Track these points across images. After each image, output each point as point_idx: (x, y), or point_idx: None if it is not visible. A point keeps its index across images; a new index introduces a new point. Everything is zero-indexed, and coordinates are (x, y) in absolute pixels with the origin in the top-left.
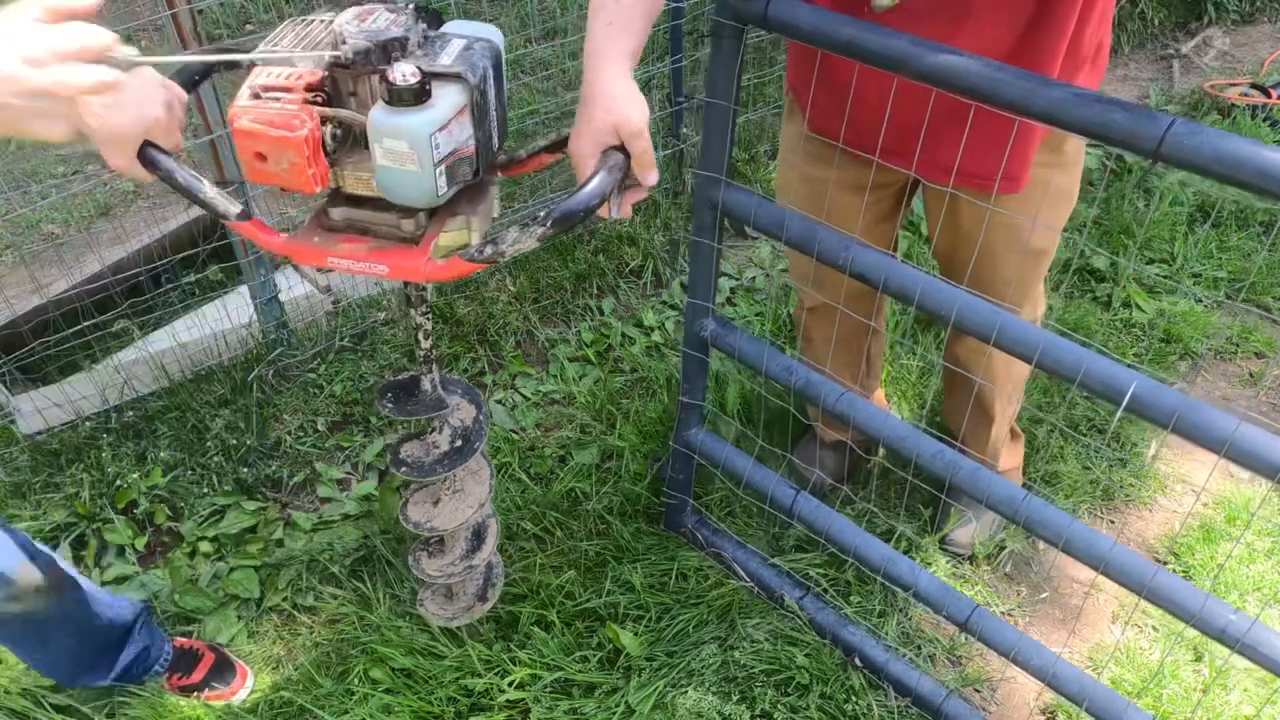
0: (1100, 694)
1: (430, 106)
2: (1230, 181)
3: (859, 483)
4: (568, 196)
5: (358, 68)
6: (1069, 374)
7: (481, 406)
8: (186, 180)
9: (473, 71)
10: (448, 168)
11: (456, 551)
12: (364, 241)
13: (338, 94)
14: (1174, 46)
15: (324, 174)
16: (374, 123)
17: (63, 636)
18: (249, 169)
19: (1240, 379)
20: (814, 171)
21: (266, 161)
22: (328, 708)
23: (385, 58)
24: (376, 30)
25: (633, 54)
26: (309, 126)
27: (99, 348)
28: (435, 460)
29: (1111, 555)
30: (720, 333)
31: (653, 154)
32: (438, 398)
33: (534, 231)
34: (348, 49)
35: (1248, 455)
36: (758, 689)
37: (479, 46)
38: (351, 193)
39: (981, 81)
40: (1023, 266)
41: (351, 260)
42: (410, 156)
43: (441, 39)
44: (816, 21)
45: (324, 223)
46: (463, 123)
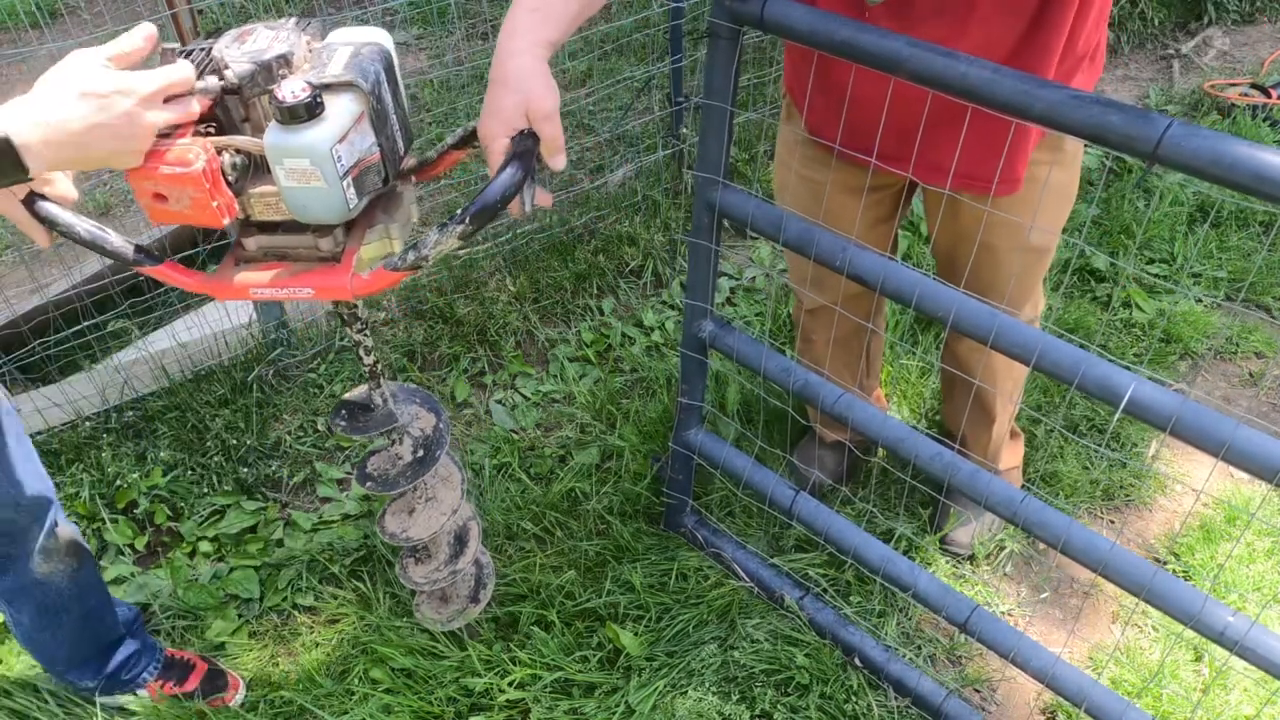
0: (1100, 694)
1: (324, 119)
2: (1227, 184)
3: (858, 483)
4: (482, 189)
5: (245, 92)
6: (1067, 376)
7: (441, 414)
8: (89, 232)
9: (364, 77)
10: (354, 179)
11: (440, 557)
12: (284, 267)
13: (230, 121)
14: (1174, 46)
15: (229, 205)
16: (271, 144)
17: (71, 618)
18: (151, 212)
19: (1240, 379)
20: (812, 173)
21: (168, 201)
22: (328, 708)
23: (271, 77)
24: (258, 50)
25: (551, 44)
26: (204, 158)
27: (99, 348)
28: (399, 473)
29: (1111, 557)
30: (719, 333)
31: (562, 139)
32: (388, 412)
33: (453, 230)
34: (231, 74)
35: (1246, 458)
36: (758, 689)
37: (367, 51)
38: (262, 219)
39: (978, 83)
40: (1024, 265)
41: (274, 289)
42: (313, 173)
43: (327, 49)
44: (813, 22)
45: (240, 255)
46: (362, 130)
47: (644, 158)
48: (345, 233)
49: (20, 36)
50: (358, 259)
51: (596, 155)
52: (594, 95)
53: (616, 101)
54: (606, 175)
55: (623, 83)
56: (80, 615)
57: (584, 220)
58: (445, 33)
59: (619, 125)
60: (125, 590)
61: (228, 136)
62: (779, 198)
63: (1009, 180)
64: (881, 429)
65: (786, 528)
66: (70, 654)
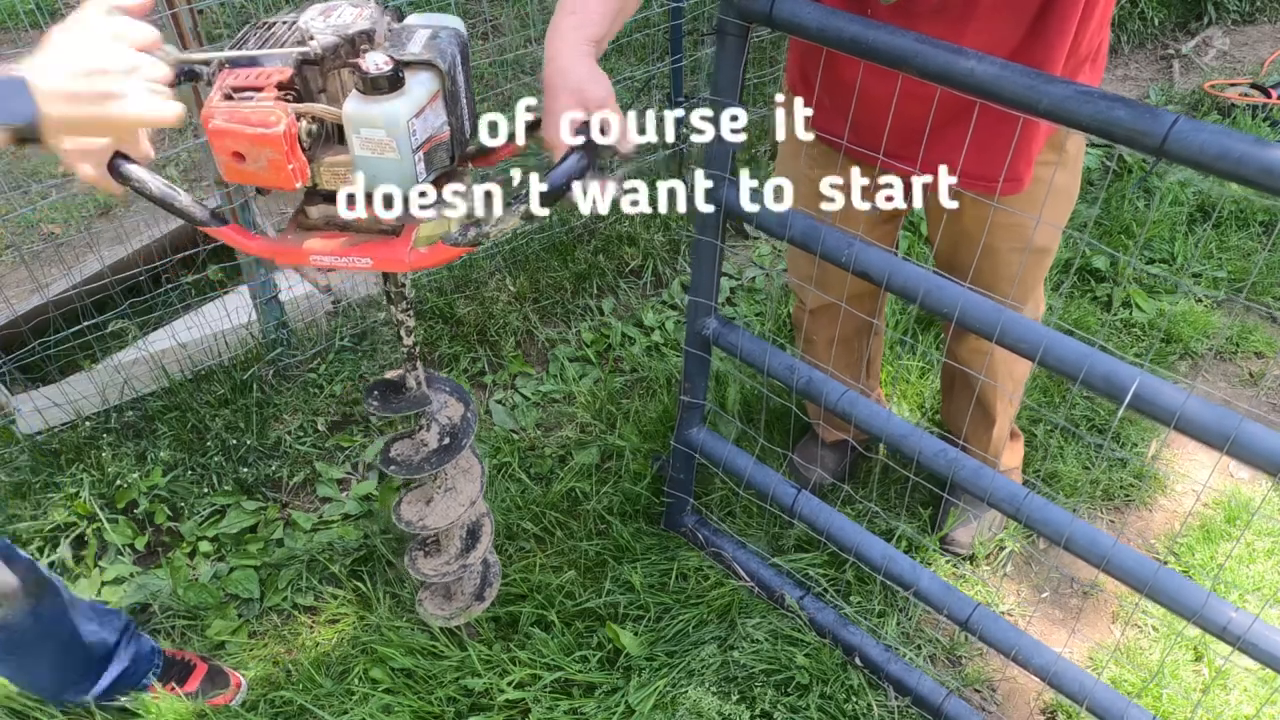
0: (1101, 693)
1: (404, 93)
2: (1234, 178)
3: (859, 482)
4: (548, 173)
5: (327, 63)
6: (1071, 372)
7: (470, 404)
8: (160, 190)
9: (442, 58)
10: (425, 154)
11: (451, 550)
12: (344, 237)
13: (308, 91)
14: (1174, 46)
15: (303, 169)
16: (350, 112)
17: (45, 650)
18: (226, 169)
19: (1240, 379)
20: (815, 172)
21: (245, 160)
22: (328, 708)
23: (354, 51)
24: (343, 24)
25: (595, 41)
26: (285, 121)
27: (99, 348)
28: (424, 458)
29: (1113, 553)
30: (722, 331)
31: (623, 121)
32: (422, 394)
33: (516, 209)
34: (315, 44)
35: (1251, 452)
36: (758, 689)
37: (445, 34)
38: (328, 189)
39: (986, 79)
40: (1024, 265)
41: (334, 256)
42: (388, 144)
43: (406, 30)
44: (822, 19)
45: (302, 222)
46: (436, 109)
47: (644, 158)
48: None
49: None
50: (416, 235)
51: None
52: None
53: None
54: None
55: (623, 83)
56: (55, 647)
57: (584, 220)
58: None
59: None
60: (125, 590)
61: (307, 104)
62: None
63: (1014, 179)
64: (885, 426)
65: (787, 527)
66: (56, 682)
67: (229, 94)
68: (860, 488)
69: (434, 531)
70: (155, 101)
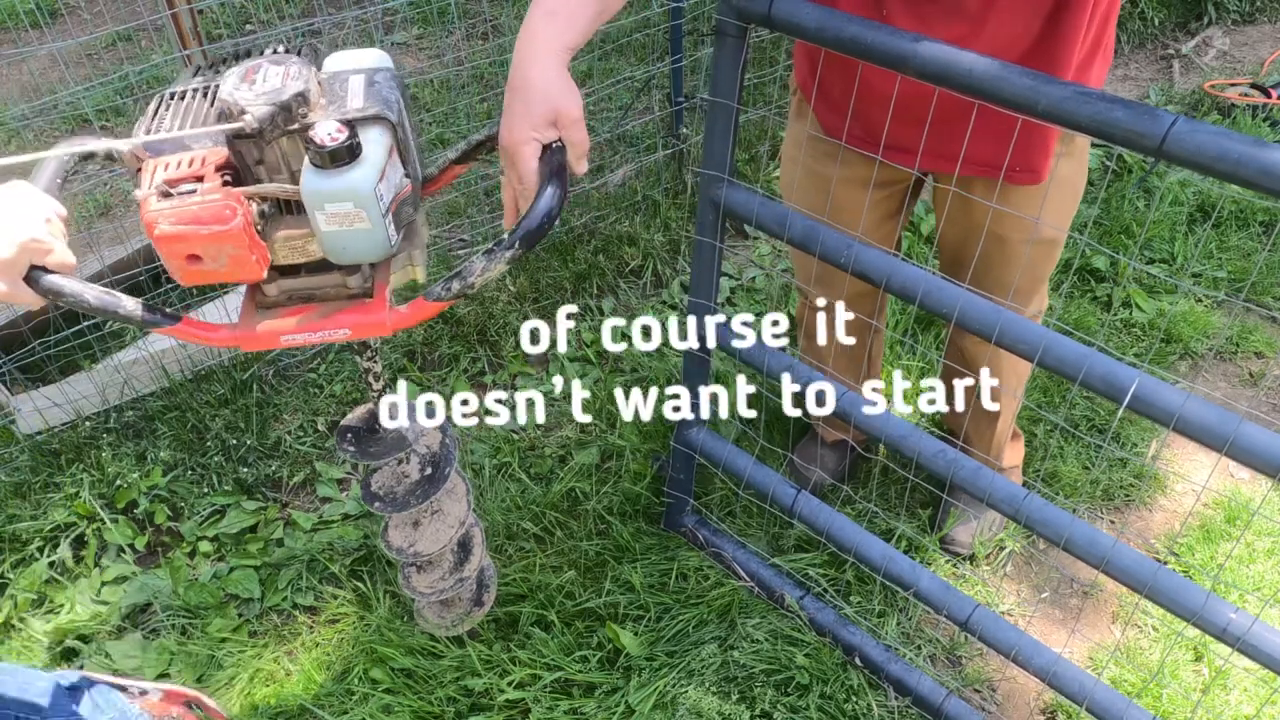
0: (1101, 693)
1: (364, 159)
2: (1233, 180)
3: (859, 482)
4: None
5: (265, 136)
6: (1071, 372)
7: (446, 429)
8: (99, 299)
9: (389, 108)
10: (394, 214)
11: (445, 567)
12: (312, 309)
13: (245, 167)
14: (1174, 46)
15: (264, 256)
16: (311, 190)
17: None
18: (181, 273)
19: (1240, 379)
20: (821, 168)
21: (202, 261)
22: (328, 708)
23: (290, 117)
24: (273, 90)
25: (570, 49)
26: (241, 213)
27: (99, 348)
28: (407, 491)
29: (1113, 554)
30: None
31: (588, 143)
32: (398, 437)
33: (502, 256)
34: (250, 118)
35: (1249, 453)
36: (758, 689)
37: (381, 77)
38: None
39: (984, 80)
40: (1034, 257)
41: (307, 333)
42: (358, 215)
43: (338, 79)
44: (821, 19)
45: (260, 301)
46: (395, 164)
47: (644, 158)
48: (372, 268)
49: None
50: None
51: (596, 155)
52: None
53: (616, 101)
54: (606, 175)
55: (623, 83)
56: None
57: (584, 220)
58: (445, 33)
59: (619, 125)
60: (125, 590)
61: (258, 185)
62: (786, 196)
63: (1032, 170)
64: (885, 426)
65: (786, 527)
66: None
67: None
68: (860, 488)
69: (426, 558)
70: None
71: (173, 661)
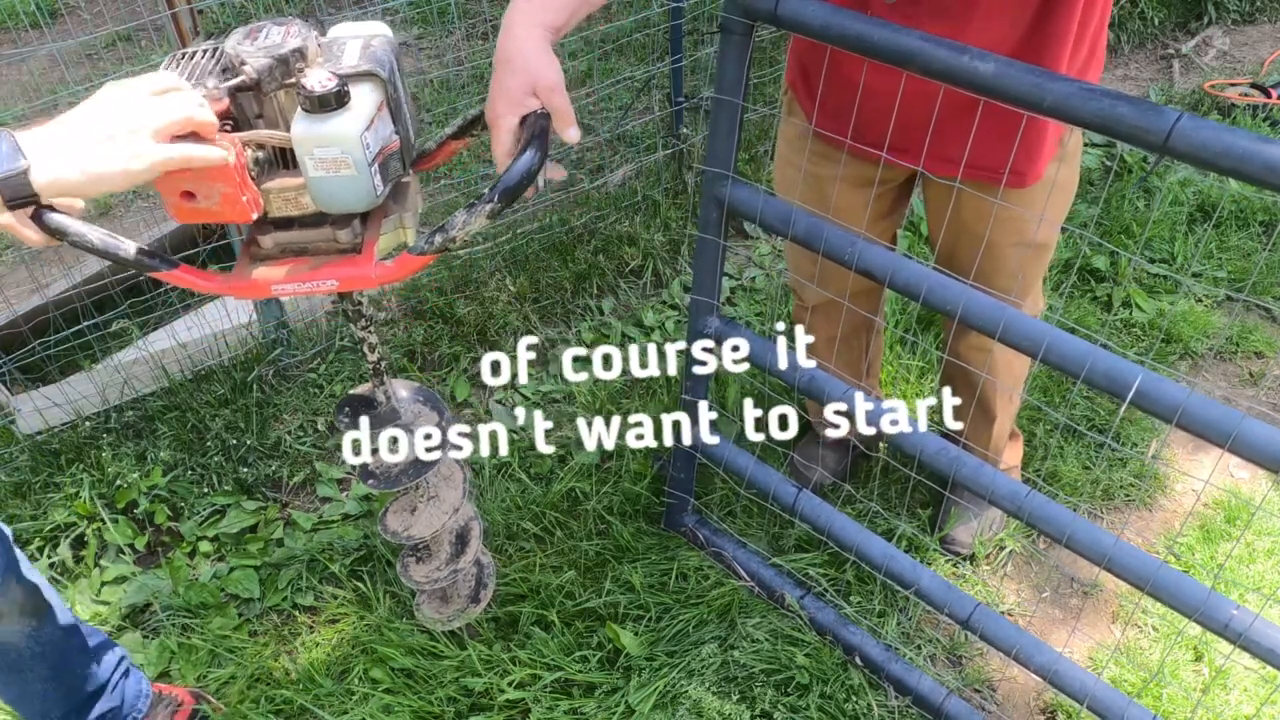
0: (1101, 692)
1: (352, 108)
2: (1237, 175)
3: (860, 481)
4: (507, 169)
5: (263, 87)
6: (1074, 369)
7: (444, 412)
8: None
9: (381, 66)
10: (380, 165)
11: (442, 556)
12: (303, 261)
13: (244, 118)
14: (1174, 46)
15: (256, 199)
16: (301, 134)
17: (36, 678)
18: (177, 210)
19: (1240, 379)
20: (818, 169)
21: (196, 199)
22: (328, 708)
23: (288, 71)
24: (273, 45)
25: (551, 27)
26: (234, 152)
27: (99, 348)
28: (401, 470)
29: (1115, 551)
30: (724, 330)
31: (572, 111)
32: (392, 409)
33: (481, 210)
34: (249, 69)
35: (1253, 449)
36: (758, 689)
37: (377, 43)
38: (278, 215)
39: (989, 77)
40: (1025, 260)
41: (296, 283)
42: (344, 161)
43: (336, 43)
44: (826, 17)
45: (255, 253)
46: (384, 119)
47: (644, 158)
48: (363, 224)
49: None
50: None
51: (596, 155)
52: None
53: (616, 101)
54: (606, 175)
55: (623, 83)
56: (46, 673)
57: (584, 220)
58: (445, 33)
59: (619, 125)
60: (125, 590)
61: (253, 131)
62: (781, 195)
63: (1019, 174)
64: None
65: (787, 527)
66: (45, 709)
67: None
68: (861, 487)
69: (420, 540)
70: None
71: (173, 661)
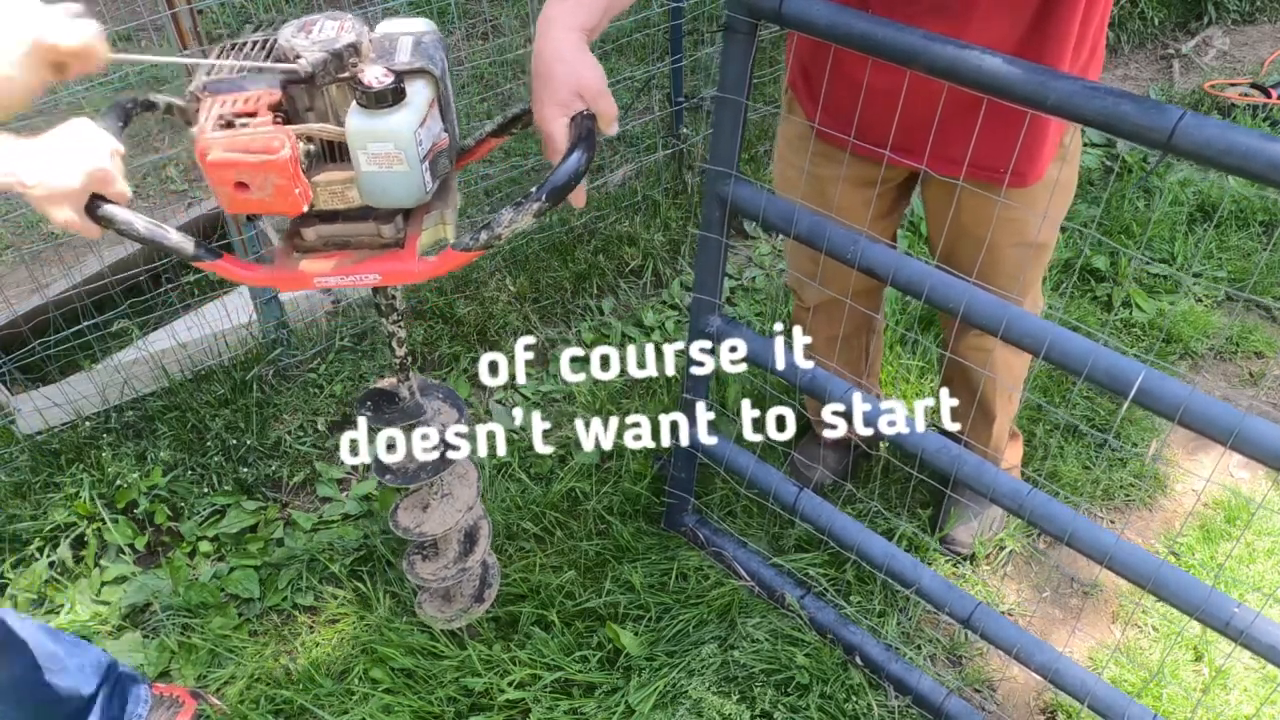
0: (1102, 692)
1: (408, 104)
2: (1240, 173)
3: (861, 481)
4: (553, 170)
5: (317, 80)
6: (1076, 367)
7: (463, 410)
8: (148, 229)
9: (434, 64)
10: (430, 162)
11: (450, 555)
12: (346, 255)
13: (295, 111)
14: (1174, 46)
15: (307, 192)
16: (355, 129)
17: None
18: (228, 200)
19: (1240, 379)
20: (819, 169)
21: (249, 189)
22: (328, 708)
23: (342, 65)
24: (328, 39)
25: (587, 30)
26: (289, 145)
27: (99, 348)
28: (420, 466)
29: (1116, 549)
30: (725, 329)
31: (615, 109)
32: (415, 405)
33: (529, 208)
34: (304, 62)
35: (1254, 446)
36: (758, 688)
37: (428, 39)
38: (324, 209)
39: (994, 75)
40: (1024, 260)
41: (339, 276)
42: (397, 157)
43: (389, 38)
44: (832, 16)
45: (298, 245)
46: (435, 116)
47: (644, 158)
48: (405, 219)
49: None
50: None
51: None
52: None
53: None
54: (606, 175)
55: (623, 83)
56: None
57: (584, 220)
58: (445, 33)
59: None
60: (125, 590)
61: (305, 124)
62: (780, 195)
63: (1020, 174)
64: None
65: (787, 527)
66: None
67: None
68: (862, 486)
69: (431, 538)
70: None
71: (173, 661)
